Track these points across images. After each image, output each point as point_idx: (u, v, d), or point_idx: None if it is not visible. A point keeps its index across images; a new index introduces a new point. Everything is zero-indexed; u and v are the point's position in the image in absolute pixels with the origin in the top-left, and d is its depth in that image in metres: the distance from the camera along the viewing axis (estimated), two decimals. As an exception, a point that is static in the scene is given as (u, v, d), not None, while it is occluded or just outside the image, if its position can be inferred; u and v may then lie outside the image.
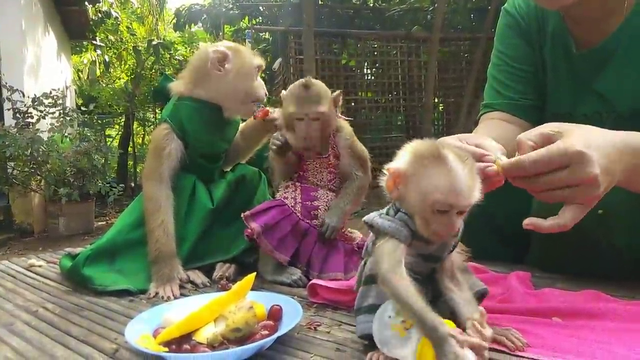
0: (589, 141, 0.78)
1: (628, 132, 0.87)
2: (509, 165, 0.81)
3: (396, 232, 0.72)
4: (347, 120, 1.36)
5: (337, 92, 1.30)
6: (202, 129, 1.37)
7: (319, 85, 1.27)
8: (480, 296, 0.82)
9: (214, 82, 1.35)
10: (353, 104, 6.14)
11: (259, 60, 1.39)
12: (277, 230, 1.23)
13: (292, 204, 1.27)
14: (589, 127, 0.85)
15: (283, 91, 1.31)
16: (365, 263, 0.82)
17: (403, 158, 0.73)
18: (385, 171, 0.75)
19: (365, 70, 6.44)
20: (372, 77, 6.27)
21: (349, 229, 1.32)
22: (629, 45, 1.12)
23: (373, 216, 0.76)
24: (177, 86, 1.40)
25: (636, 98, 1.14)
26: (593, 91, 1.20)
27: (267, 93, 1.41)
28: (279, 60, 5.99)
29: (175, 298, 1.15)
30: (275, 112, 1.38)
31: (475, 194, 0.70)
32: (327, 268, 1.21)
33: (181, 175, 1.36)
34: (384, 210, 0.78)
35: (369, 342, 0.77)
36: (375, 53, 6.01)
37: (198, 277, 1.26)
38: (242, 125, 1.49)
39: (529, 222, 0.82)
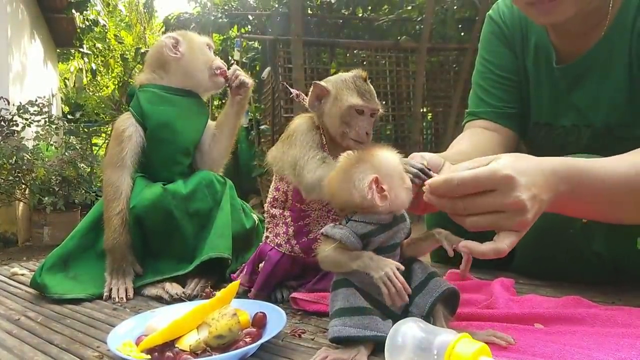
0: (518, 167, 0.77)
1: (561, 158, 0.86)
2: (437, 184, 0.79)
3: (344, 237, 0.81)
4: None
5: None
6: (161, 112, 1.37)
7: None
8: (448, 295, 0.83)
9: (174, 68, 1.41)
10: (342, 113, 6.18)
11: (206, 39, 1.47)
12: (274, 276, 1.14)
13: (289, 250, 1.13)
14: (520, 154, 0.84)
15: (321, 83, 1.08)
16: None
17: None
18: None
19: (353, 79, 6.49)
20: (361, 87, 6.33)
21: None
22: (605, 61, 1.14)
23: (328, 228, 0.84)
24: (137, 79, 1.45)
25: (610, 114, 1.16)
26: (571, 104, 1.22)
27: (225, 63, 1.45)
28: (268, 69, 6.00)
29: (127, 296, 1.20)
30: (242, 75, 1.42)
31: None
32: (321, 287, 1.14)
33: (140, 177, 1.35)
34: (338, 224, 0.85)
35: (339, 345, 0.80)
36: (364, 63, 6.04)
37: (173, 287, 1.23)
38: (213, 123, 1.49)
39: (463, 244, 0.79)
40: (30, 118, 4.38)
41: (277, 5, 6.62)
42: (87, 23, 7.45)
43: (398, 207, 0.83)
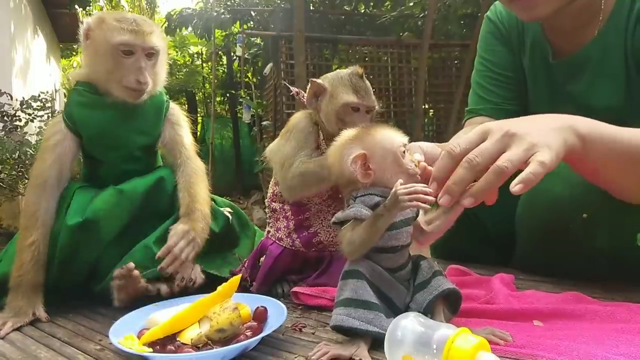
0: (505, 121, 0.82)
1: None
2: (439, 163, 0.80)
3: (357, 212, 0.80)
4: None
5: None
6: (95, 118, 1.13)
7: None
8: (449, 295, 0.83)
9: (84, 61, 1.15)
10: (344, 109, 6.18)
11: (122, 38, 1.07)
12: (274, 271, 1.14)
13: (290, 244, 1.13)
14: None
15: (317, 80, 1.09)
16: None
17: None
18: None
19: (356, 76, 6.48)
20: (363, 83, 6.32)
21: None
22: (601, 57, 1.14)
23: (338, 214, 0.84)
24: (73, 73, 1.17)
25: (608, 109, 1.16)
26: (568, 99, 1.22)
27: (142, 80, 1.08)
28: (270, 65, 6.00)
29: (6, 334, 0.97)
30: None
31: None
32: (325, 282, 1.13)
33: (70, 184, 1.15)
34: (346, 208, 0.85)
35: (340, 334, 0.81)
36: (366, 59, 6.04)
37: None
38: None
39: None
40: (33, 113, 4.38)
41: (279, 1, 6.62)
42: (90, 18, 7.45)
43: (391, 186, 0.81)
